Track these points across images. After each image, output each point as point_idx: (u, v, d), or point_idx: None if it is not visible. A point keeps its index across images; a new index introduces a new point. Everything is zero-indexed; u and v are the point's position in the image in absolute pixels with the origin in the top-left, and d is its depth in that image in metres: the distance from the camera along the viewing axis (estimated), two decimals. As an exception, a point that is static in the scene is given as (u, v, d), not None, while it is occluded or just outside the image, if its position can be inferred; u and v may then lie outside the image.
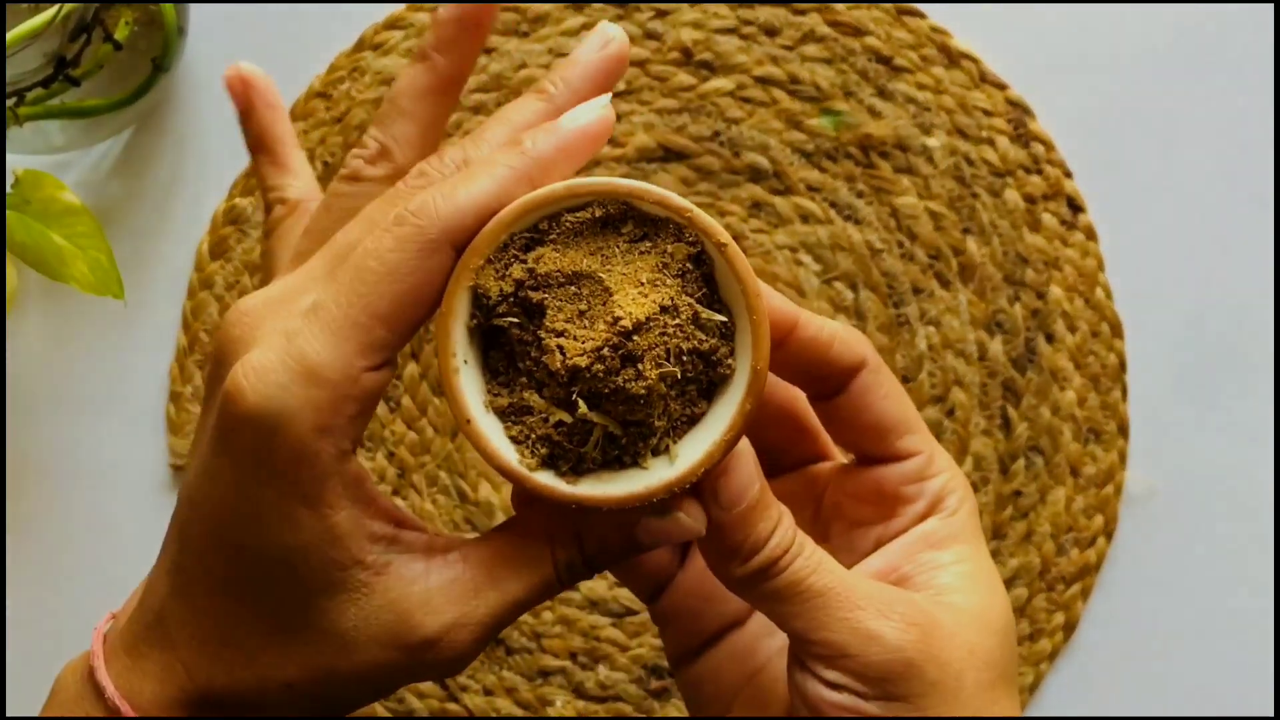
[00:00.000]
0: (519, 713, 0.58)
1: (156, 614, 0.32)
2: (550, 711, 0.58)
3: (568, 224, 0.30)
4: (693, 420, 0.31)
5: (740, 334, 0.30)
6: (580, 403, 0.29)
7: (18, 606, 0.59)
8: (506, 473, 0.30)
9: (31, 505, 0.59)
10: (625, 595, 0.58)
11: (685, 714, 0.57)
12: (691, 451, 0.30)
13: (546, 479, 0.30)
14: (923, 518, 0.36)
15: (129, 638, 0.33)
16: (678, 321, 0.30)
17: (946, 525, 0.35)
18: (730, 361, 0.30)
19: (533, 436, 0.30)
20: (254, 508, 0.29)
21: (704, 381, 0.31)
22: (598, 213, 0.30)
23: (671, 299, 0.30)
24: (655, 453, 0.30)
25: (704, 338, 0.30)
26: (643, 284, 0.30)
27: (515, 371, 0.30)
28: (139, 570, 0.59)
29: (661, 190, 0.30)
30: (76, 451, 0.59)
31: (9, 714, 0.59)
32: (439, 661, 0.29)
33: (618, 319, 0.29)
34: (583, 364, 0.29)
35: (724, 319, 0.30)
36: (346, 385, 0.28)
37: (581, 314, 0.29)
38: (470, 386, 0.30)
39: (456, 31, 0.34)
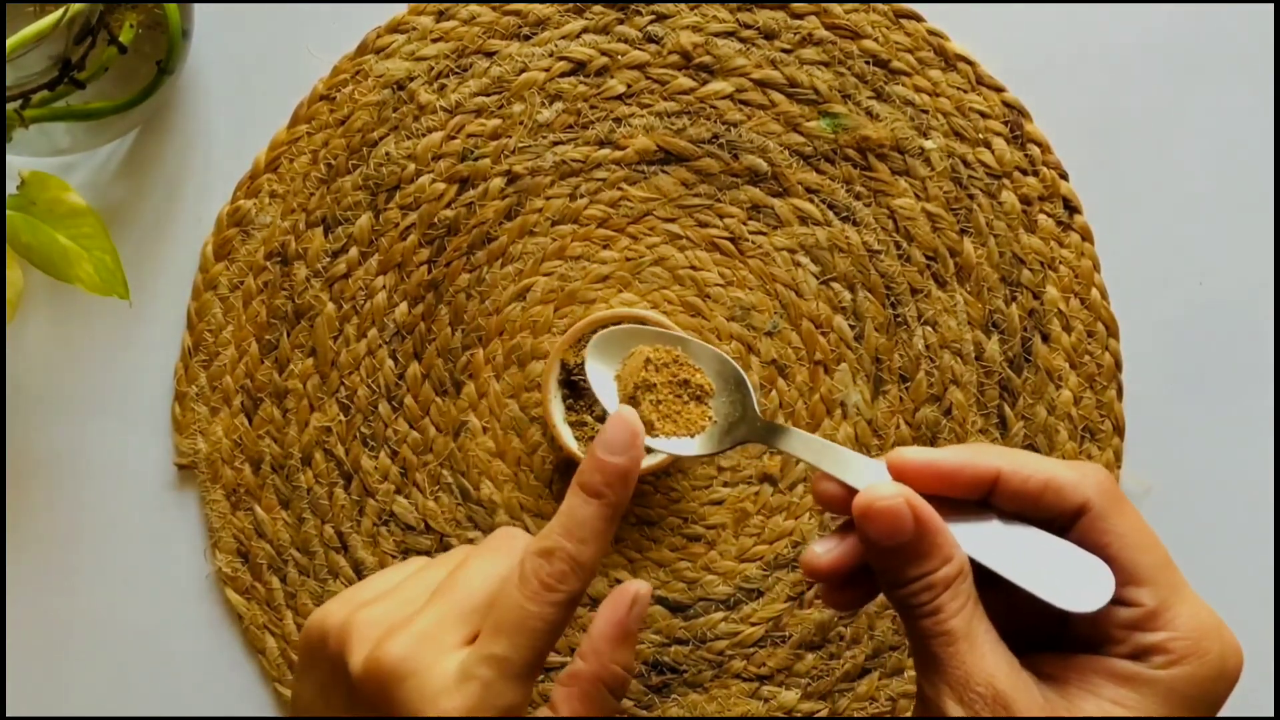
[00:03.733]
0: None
1: None
2: (551, 708, 0.58)
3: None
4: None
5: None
6: None
7: (18, 606, 0.60)
8: (571, 454, 0.55)
9: (35, 505, 0.59)
10: (626, 593, 0.58)
11: (685, 713, 0.58)
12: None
13: None
14: (1124, 657, 0.36)
15: None
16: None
17: (1141, 672, 0.36)
18: None
19: (585, 437, 0.55)
20: None
21: None
22: (627, 327, 0.47)
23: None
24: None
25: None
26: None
27: (580, 404, 0.56)
28: (141, 570, 0.60)
29: (660, 316, 0.55)
30: (81, 451, 0.60)
31: (9, 714, 0.59)
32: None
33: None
34: None
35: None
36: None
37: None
38: (557, 409, 0.55)
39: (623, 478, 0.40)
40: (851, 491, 0.38)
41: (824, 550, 0.39)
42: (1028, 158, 0.59)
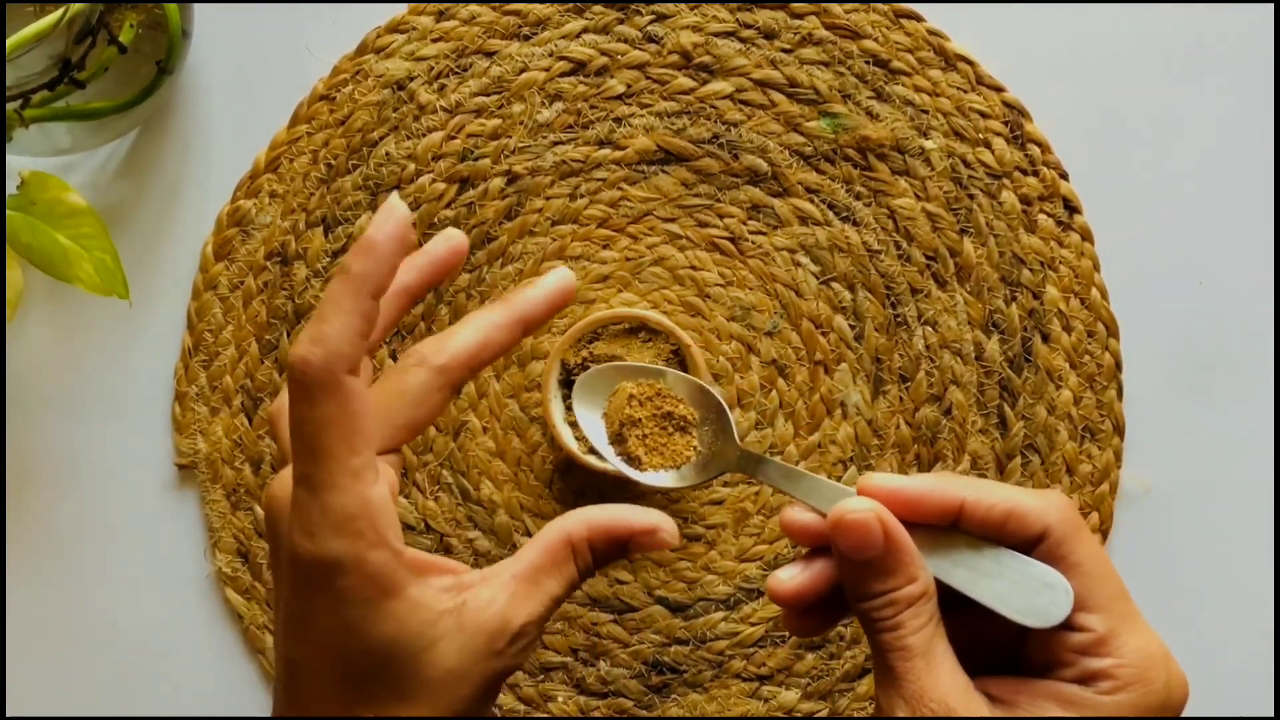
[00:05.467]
0: (521, 709, 0.58)
1: None
2: (552, 707, 0.58)
3: (611, 331, 0.56)
4: None
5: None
6: None
7: (18, 606, 0.60)
8: (570, 455, 0.55)
9: (34, 505, 0.59)
10: (625, 592, 0.58)
11: (685, 713, 0.58)
12: None
13: (591, 459, 0.55)
14: (1071, 681, 0.37)
15: None
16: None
17: (1086, 697, 0.37)
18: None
19: (585, 437, 0.50)
20: (355, 619, 0.36)
21: None
22: (626, 326, 0.56)
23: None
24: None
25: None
26: (645, 362, 0.55)
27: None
28: (141, 570, 0.60)
29: (660, 316, 0.56)
30: (81, 451, 0.60)
31: (9, 714, 0.59)
32: (520, 651, 0.37)
33: None
34: None
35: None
36: (383, 514, 0.36)
37: None
38: (557, 409, 0.56)
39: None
40: (820, 521, 0.40)
41: (789, 576, 0.40)
42: (1028, 158, 0.59)
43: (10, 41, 0.49)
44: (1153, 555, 0.59)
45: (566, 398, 0.56)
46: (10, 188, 0.55)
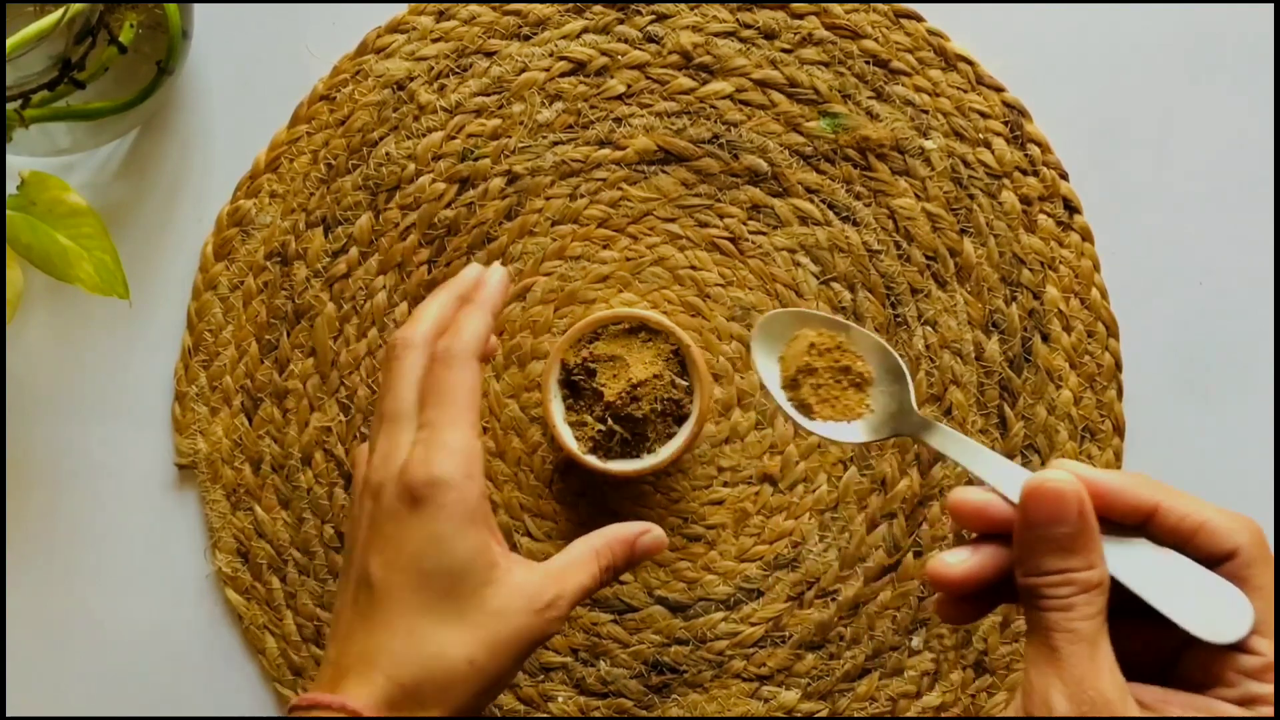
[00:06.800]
0: (521, 709, 0.58)
1: (358, 655, 0.43)
2: (552, 707, 0.58)
3: (611, 331, 0.56)
4: (669, 436, 0.56)
5: (695, 392, 0.55)
6: (610, 420, 0.55)
7: (18, 606, 0.60)
8: (570, 454, 0.55)
9: (34, 505, 0.60)
10: (626, 592, 0.58)
11: (685, 713, 0.58)
12: (665, 451, 0.56)
13: (591, 459, 0.55)
14: (1231, 701, 0.37)
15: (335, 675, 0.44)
16: (661, 383, 0.55)
17: (1245, 718, 0.37)
18: (689, 406, 0.55)
19: (585, 437, 0.56)
20: (440, 540, 0.43)
21: (674, 415, 0.56)
22: (626, 326, 0.56)
23: (659, 371, 0.55)
24: (649, 451, 0.56)
25: (675, 393, 0.55)
26: (646, 363, 0.55)
27: (580, 404, 0.56)
28: (141, 570, 0.60)
29: (660, 316, 0.56)
30: (81, 451, 0.60)
31: (9, 714, 0.59)
32: (552, 619, 0.44)
33: (630, 379, 0.55)
34: (612, 399, 0.55)
35: (686, 384, 0.55)
36: (477, 446, 0.45)
37: (614, 375, 0.55)
38: (557, 409, 0.56)
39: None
40: (994, 501, 0.39)
41: (956, 561, 0.40)
42: (1028, 158, 0.59)
43: (10, 41, 0.49)
44: (1153, 555, 0.59)
45: (567, 397, 0.56)
46: (10, 188, 0.55)
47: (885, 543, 0.58)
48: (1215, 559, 0.38)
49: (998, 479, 0.40)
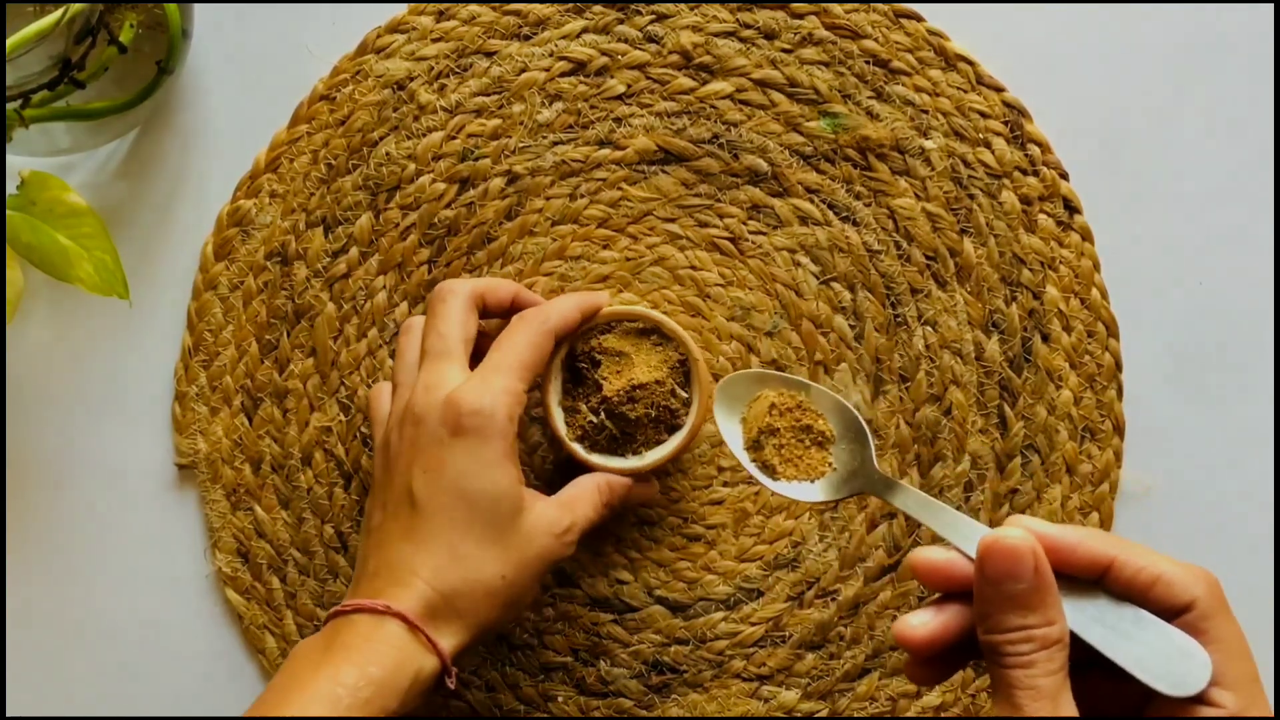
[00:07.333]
0: (521, 709, 0.58)
1: (401, 564, 0.48)
2: (552, 707, 0.58)
3: (624, 327, 0.55)
4: (658, 443, 0.55)
5: (693, 406, 0.54)
6: (603, 414, 0.54)
7: (18, 606, 0.60)
8: (557, 437, 0.55)
9: (35, 505, 0.60)
10: (626, 592, 0.58)
11: (685, 713, 0.58)
12: (652, 456, 0.55)
13: (577, 447, 0.55)
14: None
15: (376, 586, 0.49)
16: (662, 389, 0.54)
17: None
18: (684, 418, 0.54)
19: (575, 424, 0.55)
20: (481, 467, 0.48)
21: (668, 424, 0.55)
22: (640, 326, 0.55)
23: (662, 378, 0.54)
24: (634, 453, 0.55)
25: (673, 402, 0.54)
26: (651, 366, 0.54)
27: (578, 391, 0.55)
28: (141, 570, 0.60)
29: (673, 323, 0.54)
30: (81, 451, 0.60)
31: (9, 714, 0.59)
32: (570, 542, 0.51)
33: (631, 379, 0.54)
34: (610, 394, 0.54)
35: (686, 396, 0.54)
36: (520, 396, 0.51)
37: (617, 371, 0.54)
38: (554, 393, 0.55)
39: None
40: (955, 560, 0.40)
41: (919, 623, 0.40)
42: (1028, 158, 0.59)
43: (10, 41, 0.49)
44: (1153, 555, 0.59)
45: (567, 381, 0.55)
46: (10, 188, 0.55)
47: (885, 543, 0.58)
48: (1172, 611, 0.38)
49: (959, 537, 0.40)
